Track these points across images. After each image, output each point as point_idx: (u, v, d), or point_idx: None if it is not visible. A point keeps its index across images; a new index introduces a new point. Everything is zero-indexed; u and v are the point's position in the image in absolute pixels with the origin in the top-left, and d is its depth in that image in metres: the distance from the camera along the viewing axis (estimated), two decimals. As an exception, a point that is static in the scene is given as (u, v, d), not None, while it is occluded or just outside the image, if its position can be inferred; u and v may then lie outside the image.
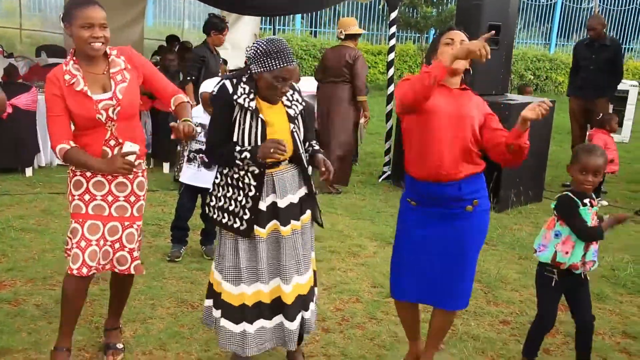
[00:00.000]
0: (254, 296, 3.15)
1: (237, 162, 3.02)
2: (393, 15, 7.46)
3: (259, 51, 2.97)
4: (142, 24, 11.49)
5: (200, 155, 4.72)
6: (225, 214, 3.15)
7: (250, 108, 3.01)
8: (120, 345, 3.45)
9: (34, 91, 6.56)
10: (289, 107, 3.11)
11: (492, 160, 3.14)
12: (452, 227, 3.09)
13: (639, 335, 4.07)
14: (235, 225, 3.11)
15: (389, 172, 7.63)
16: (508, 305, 4.38)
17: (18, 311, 3.84)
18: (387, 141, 7.78)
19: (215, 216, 3.23)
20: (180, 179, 4.94)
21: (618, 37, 18.94)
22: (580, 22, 19.71)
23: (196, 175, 4.77)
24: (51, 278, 4.31)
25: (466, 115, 3.03)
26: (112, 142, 3.13)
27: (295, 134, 3.11)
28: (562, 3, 19.28)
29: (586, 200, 3.27)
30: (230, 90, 3.03)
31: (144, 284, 4.33)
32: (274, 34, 12.72)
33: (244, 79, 3.05)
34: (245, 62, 3.10)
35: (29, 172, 6.81)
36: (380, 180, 7.64)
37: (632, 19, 20.03)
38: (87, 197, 3.18)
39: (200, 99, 4.72)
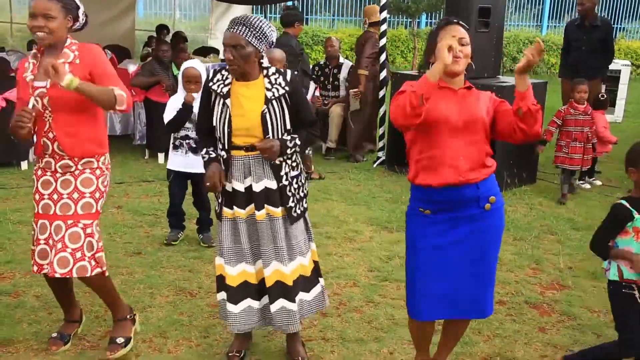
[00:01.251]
0: (240, 276, 3.21)
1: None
2: (383, 0, 7.45)
3: None
4: (133, 16, 11.46)
5: (187, 141, 4.76)
6: (215, 199, 3.32)
7: (221, 93, 3.10)
8: (120, 340, 3.39)
9: (26, 84, 6.56)
10: (269, 90, 3.10)
11: (512, 143, 2.99)
12: (471, 231, 2.89)
13: (633, 311, 4.12)
14: (216, 209, 3.29)
15: (383, 158, 7.66)
16: (504, 286, 4.42)
17: (18, 303, 3.87)
18: (381, 127, 7.80)
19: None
20: (168, 166, 4.95)
21: (610, 17, 18.95)
22: (571, 3, 19.71)
23: (184, 161, 4.82)
24: (50, 270, 4.33)
25: (476, 118, 2.84)
26: (51, 135, 3.14)
27: (267, 116, 3.07)
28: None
29: None
30: (210, 77, 3.18)
31: (143, 273, 4.37)
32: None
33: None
34: None
35: (24, 165, 6.83)
36: (374, 165, 7.67)
37: (623, -1, 20.04)
38: (37, 196, 3.24)
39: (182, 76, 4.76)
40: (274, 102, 3.09)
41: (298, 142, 3.16)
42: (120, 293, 3.58)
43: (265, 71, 3.12)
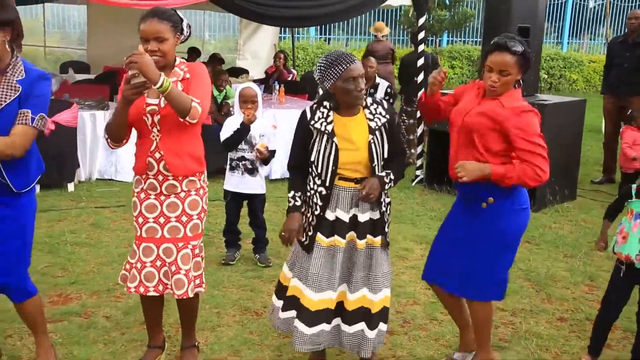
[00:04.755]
0: (321, 303, 3.21)
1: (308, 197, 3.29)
2: (421, 20, 7.56)
3: (322, 67, 3.12)
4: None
5: (243, 162, 4.84)
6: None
7: (326, 131, 3.14)
8: None
9: (74, 108, 6.68)
10: (371, 120, 3.18)
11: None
12: (472, 221, 3.29)
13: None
14: (301, 240, 3.27)
15: (422, 176, 7.72)
16: (562, 303, 4.46)
17: (90, 323, 3.95)
18: (420, 145, 7.87)
19: None
20: (225, 187, 5.05)
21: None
22: (591, 20, 19.78)
23: (240, 182, 4.90)
24: (114, 290, 4.41)
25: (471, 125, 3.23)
26: (157, 155, 3.16)
27: (373, 145, 3.16)
28: (573, 1, 19.36)
29: None
30: (309, 116, 3.19)
31: (207, 293, 4.41)
32: (292, 43, 12.84)
33: (324, 102, 3.19)
34: (320, 88, 3.27)
35: (70, 187, 6.94)
36: (413, 184, 7.73)
37: None
38: (140, 219, 3.27)
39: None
40: (376, 132, 3.18)
41: (392, 177, 3.23)
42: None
43: (363, 103, 3.20)
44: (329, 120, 3.15)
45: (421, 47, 7.66)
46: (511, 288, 4.68)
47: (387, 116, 3.21)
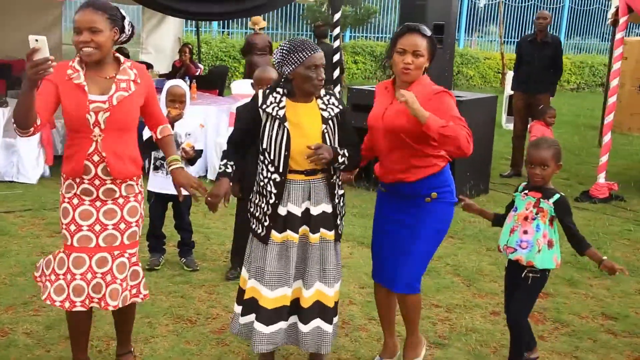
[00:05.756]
0: (278, 300, 3.15)
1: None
2: (337, 16, 7.53)
3: (284, 52, 3.07)
4: (59, 30, 11.00)
5: None
6: (253, 219, 3.24)
7: (278, 116, 3.07)
8: None
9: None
10: (324, 110, 3.15)
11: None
12: (409, 214, 3.30)
13: (618, 315, 4.33)
14: (258, 231, 3.19)
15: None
16: (492, 297, 4.55)
17: (8, 342, 3.62)
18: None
19: (250, 222, 3.29)
20: (148, 188, 4.79)
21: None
22: (480, 19, 20.57)
23: (166, 183, 4.60)
24: (32, 303, 4.08)
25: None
26: (96, 158, 2.96)
27: (326, 135, 3.13)
28: (468, 0, 20.07)
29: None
30: (260, 100, 3.13)
31: (134, 302, 4.19)
32: (197, 36, 12.51)
33: (278, 88, 3.13)
34: (277, 72, 3.18)
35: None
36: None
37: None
38: (72, 227, 3.03)
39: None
40: (329, 122, 3.13)
41: (347, 155, 3.18)
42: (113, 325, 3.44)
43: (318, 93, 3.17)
44: (281, 105, 3.10)
45: (337, 43, 7.63)
46: (442, 284, 4.75)
47: (340, 106, 3.19)
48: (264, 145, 3.14)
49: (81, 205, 3.02)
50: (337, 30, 7.57)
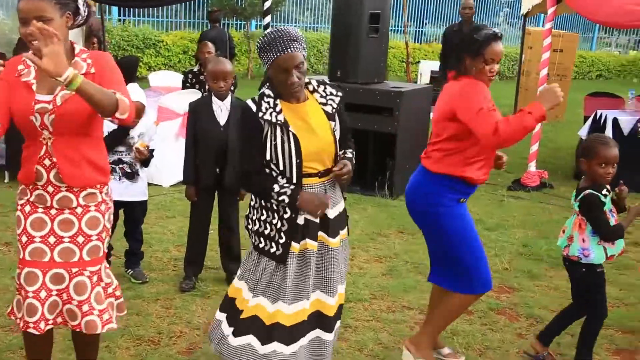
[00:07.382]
0: (297, 315, 2.82)
1: (273, 202, 2.75)
2: (267, 4, 7.19)
3: (259, 47, 2.70)
4: None
5: (120, 166, 4.14)
6: (262, 238, 2.84)
7: (278, 122, 2.69)
8: None
9: None
10: (325, 104, 2.81)
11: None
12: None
13: (585, 307, 4.31)
14: (271, 250, 2.81)
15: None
16: (460, 294, 4.42)
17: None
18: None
19: (253, 240, 2.90)
20: None
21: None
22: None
23: (118, 188, 4.05)
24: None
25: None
26: (47, 162, 2.62)
27: (336, 133, 2.83)
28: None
29: (604, 191, 3.35)
30: (254, 108, 2.71)
31: (85, 323, 3.74)
32: (102, 25, 11.72)
33: (266, 90, 2.75)
34: None
35: None
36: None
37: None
38: (24, 238, 2.67)
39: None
40: (335, 116, 2.83)
41: (353, 153, 2.95)
42: (66, 352, 3.10)
43: (310, 87, 2.82)
44: (277, 109, 2.71)
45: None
46: (407, 284, 4.58)
47: (339, 94, 2.87)
48: (269, 157, 2.74)
49: (33, 213, 2.67)
50: (267, 19, 7.24)
